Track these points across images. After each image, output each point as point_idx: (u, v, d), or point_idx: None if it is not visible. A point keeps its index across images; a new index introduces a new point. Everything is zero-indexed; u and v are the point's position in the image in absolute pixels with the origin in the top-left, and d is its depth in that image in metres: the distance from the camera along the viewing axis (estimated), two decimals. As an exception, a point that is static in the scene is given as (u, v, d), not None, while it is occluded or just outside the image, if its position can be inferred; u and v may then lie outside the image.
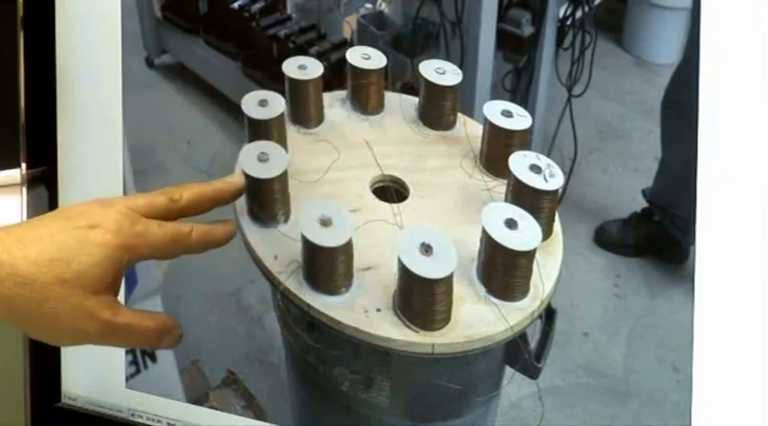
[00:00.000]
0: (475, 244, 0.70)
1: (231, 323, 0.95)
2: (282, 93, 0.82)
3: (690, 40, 0.71)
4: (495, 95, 0.86)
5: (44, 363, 0.98)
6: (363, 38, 0.92)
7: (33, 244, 0.60)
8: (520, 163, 0.72)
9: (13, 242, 0.60)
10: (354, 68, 0.84)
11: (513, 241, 0.67)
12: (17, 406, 0.98)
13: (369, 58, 0.84)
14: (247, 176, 0.74)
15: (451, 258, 0.67)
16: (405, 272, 0.67)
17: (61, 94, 0.95)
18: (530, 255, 0.69)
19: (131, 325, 0.63)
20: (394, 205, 0.77)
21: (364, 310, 0.70)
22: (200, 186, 0.70)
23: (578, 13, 0.82)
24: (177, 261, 0.69)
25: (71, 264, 0.60)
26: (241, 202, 0.76)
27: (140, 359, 0.97)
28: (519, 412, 0.81)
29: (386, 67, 0.84)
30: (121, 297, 0.67)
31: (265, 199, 0.75)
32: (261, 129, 0.79)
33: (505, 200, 0.74)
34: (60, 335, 0.62)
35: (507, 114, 0.77)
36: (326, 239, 0.69)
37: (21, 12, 0.93)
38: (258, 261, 0.74)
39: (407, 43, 0.90)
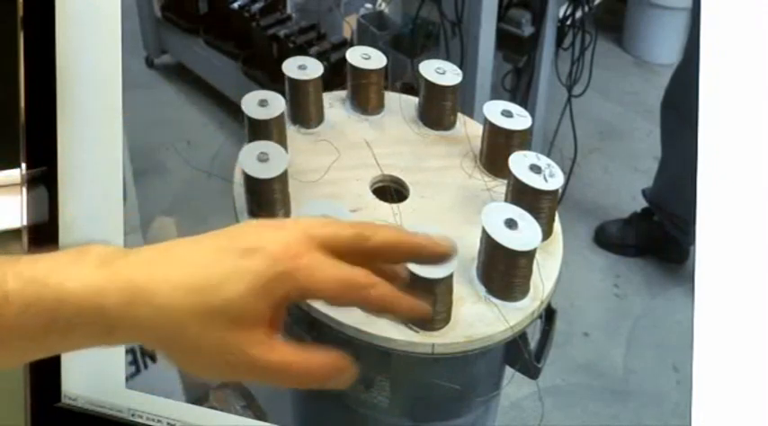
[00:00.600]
0: (475, 244, 0.70)
1: (231, 323, 0.95)
2: (282, 93, 0.82)
3: (690, 40, 0.71)
4: (495, 95, 0.86)
5: (44, 363, 0.97)
6: (363, 38, 0.92)
7: (179, 264, 0.52)
8: (520, 163, 0.72)
9: (158, 265, 0.52)
10: (354, 68, 0.84)
11: (513, 241, 0.68)
12: (17, 406, 0.98)
13: (369, 58, 0.84)
14: (247, 176, 0.74)
15: (451, 258, 0.67)
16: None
17: (61, 94, 0.95)
18: (530, 255, 0.69)
19: (285, 364, 0.53)
20: (394, 205, 0.77)
21: (364, 310, 0.70)
22: (401, 234, 0.57)
23: (578, 13, 0.82)
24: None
25: (217, 292, 0.51)
26: (241, 202, 0.76)
27: (140, 359, 0.97)
28: (519, 412, 0.80)
29: (386, 67, 0.84)
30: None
31: (265, 199, 0.75)
32: (261, 129, 0.79)
33: (505, 200, 0.74)
34: (206, 368, 0.54)
35: (507, 114, 0.77)
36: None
37: (21, 12, 0.93)
38: (258, 261, 0.74)
39: (407, 43, 0.90)
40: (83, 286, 0.51)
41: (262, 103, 0.80)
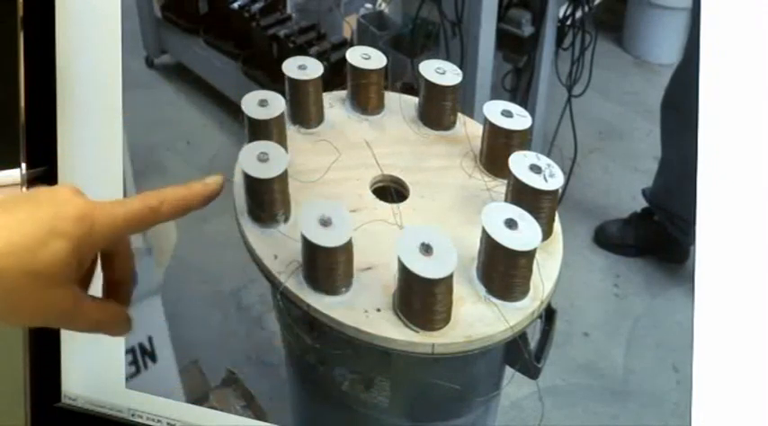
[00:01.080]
0: (475, 244, 0.70)
1: (231, 323, 0.95)
2: (282, 93, 0.82)
3: (690, 40, 0.71)
4: (495, 95, 0.86)
5: (44, 363, 0.98)
6: (363, 38, 0.92)
7: (1, 232, 0.61)
8: (520, 163, 0.72)
9: None
10: (354, 68, 0.84)
11: (513, 241, 0.67)
12: (17, 406, 0.98)
13: (369, 58, 0.84)
14: (247, 176, 0.74)
15: (451, 258, 0.67)
16: (405, 272, 0.67)
17: (61, 94, 0.95)
18: (530, 255, 0.69)
19: (87, 316, 0.67)
20: (394, 205, 0.77)
21: (364, 310, 0.70)
22: (179, 191, 0.69)
23: (578, 13, 0.82)
24: (177, 261, 0.69)
25: (37, 255, 0.60)
26: (241, 202, 0.76)
27: (140, 359, 0.97)
28: (519, 412, 0.81)
29: (386, 67, 0.84)
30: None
31: (265, 199, 0.75)
32: (261, 129, 0.79)
33: (505, 200, 0.74)
34: (20, 319, 0.66)
35: (507, 114, 0.77)
36: (326, 239, 0.69)
37: (21, 12, 0.93)
38: (258, 261, 0.74)
39: (407, 43, 0.90)
40: None
41: (262, 103, 0.80)
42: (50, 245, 0.61)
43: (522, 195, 0.72)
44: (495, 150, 0.78)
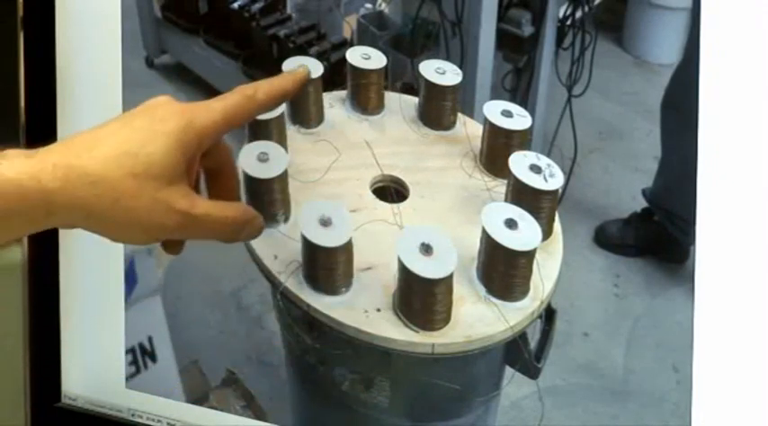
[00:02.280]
0: (475, 244, 0.70)
1: (231, 323, 0.95)
2: (282, 93, 0.82)
3: (690, 40, 0.71)
4: (495, 95, 0.86)
5: (44, 363, 0.98)
6: (363, 38, 0.92)
7: (99, 143, 0.59)
8: (520, 163, 0.72)
9: (80, 145, 0.59)
10: (354, 68, 0.84)
11: (513, 241, 0.68)
12: (17, 406, 0.98)
13: (369, 58, 0.84)
14: (247, 176, 0.74)
15: (451, 258, 0.67)
16: (405, 272, 0.67)
17: (61, 94, 0.95)
18: (530, 255, 0.69)
19: (210, 216, 0.61)
20: (394, 205, 0.77)
21: (364, 310, 0.70)
22: (272, 79, 0.67)
23: (578, 13, 0.82)
24: (177, 261, 0.69)
25: (138, 156, 0.58)
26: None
27: (140, 359, 0.97)
28: (519, 412, 0.81)
29: (386, 67, 0.84)
30: (120, 295, 0.67)
31: (265, 199, 0.75)
32: (261, 129, 0.79)
33: (505, 200, 0.74)
34: (139, 232, 0.60)
35: (507, 114, 0.77)
36: (326, 239, 0.69)
37: (21, 12, 0.93)
38: (258, 261, 0.74)
39: (407, 43, 0.90)
40: (19, 173, 0.56)
41: (262, 103, 0.80)
42: (151, 145, 0.59)
43: (522, 195, 0.72)
44: (495, 150, 0.78)
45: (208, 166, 0.67)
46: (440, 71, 0.81)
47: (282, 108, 0.80)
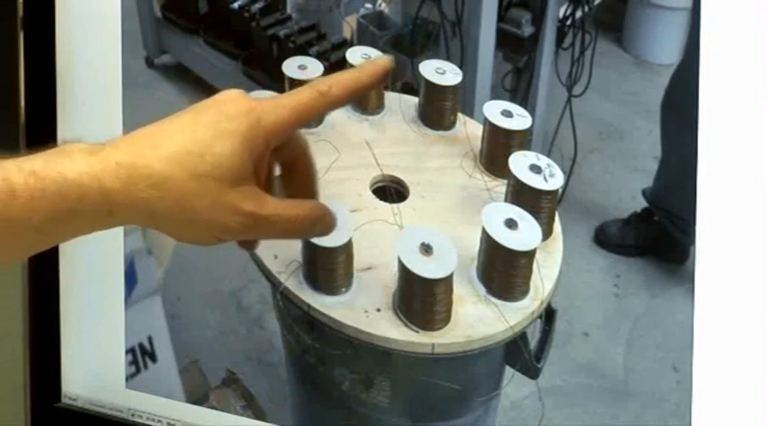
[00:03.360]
0: (475, 244, 0.70)
1: (231, 323, 0.95)
2: (282, 92, 0.82)
3: (690, 40, 0.71)
4: (495, 95, 0.86)
5: (44, 363, 0.98)
6: (363, 38, 0.92)
7: (164, 141, 0.56)
8: (520, 163, 0.72)
9: (144, 143, 0.57)
10: (354, 68, 0.84)
11: (513, 241, 0.68)
12: (17, 406, 0.98)
13: (369, 58, 0.84)
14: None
15: (451, 258, 0.67)
16: (405, 272, 0.67)
17: (61, 94, 0.95)
18: (530, 255, 0.69)
19: (277, 216, 0.58)
20: (394, 205, 0.77)
21: (364, 310, 0.70)
22: (348, 72, 0.63)
23: (578, 13, 0.82)
24: (177, 261, 0.69)
25: (204, 157, 0.56)
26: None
27: (140, 359, 0.97)
28: (519, 412, 0.80)
29: (386, 67, 0.84)
30: (120, 295, 0.66)
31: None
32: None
33: (505, 200, 0.74)
34: (203, 233, 0.58)
35: (507, 114, 0.77)
36: (326, 239, 0.69)
37: (21, 12, 0.93)
38: (258, 261, 0.74)
39: (407, 43, 0.90)
40: (80, 174, 0.54)
41: (262, 103, 0.80)
42: (217, 145, 0.56)
43: (522, 195, 0.72)
44: (495, 150, 0.78)
45: (281, 160, 0.63)
46: (440, 71, 0.81)
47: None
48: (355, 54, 0.84)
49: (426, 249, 0.67)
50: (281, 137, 0.60)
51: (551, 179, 0.72)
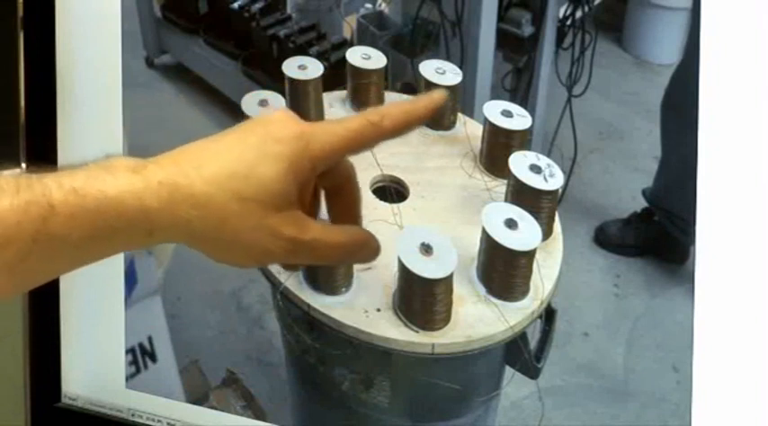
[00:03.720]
0: (475, 244, 0.70)
1: (231, 323, 0.95)
2: (282, 92, 0.82)
3: (690, 40, 0.71)
4: (495, 95, 0.86)
5: (44, 363, 0.98)
6: (363, 38, 0.92)
7: (209, 160, 0.55)
8: (520, 163, 0.72)
9: (189, 162, 0.55)
10: (354, 68, 0.84)
11: (513, 241, 0.67)
12: (17, 406, 0.98)
13: (369, 58, 0.84)
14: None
15: (451, 258, 0.67)
16: (405, 272, 0.67)
17: (61, 94, 0.95)
18: (530, 255, 0.69)
19: (319, 241, 0.57)
20: (394, 205, 0.77)
21: (364, 310, 0.70)
22: (402, 104, 0.61)
23: (578, 13, 0.82)
24: (177, 261, 0.69)
25: (249, 179, 0.55)
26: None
27: (140, 359, 0.97)
28: (519, 412, 0.80)
29: (386, 67, 0.84)
30: (120, 295, 0.66)
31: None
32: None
33: (505, 200, 0.74)
34: (243, 256, 0.57)
35: (507, 114, 0.77)
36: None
37: (21, 12, 0.93)
38: (258, 261, 0.74)
39: (407, 43, 0.90)
40: (121, 192, 0.53)
41: (262, 103, 0.80)
42: (262, 168, 0.55)
43: (522, 195, 0.72)
44: (495, 150, 0.78)
45: (326, 186, 0.62)
46: (440, 71, 0.81)
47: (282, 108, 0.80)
48: (355, 54, 0.84)
49: (426, 249, 0.67)
50: (327, 164, 0.59)
51: (551, 179, 0.72)
